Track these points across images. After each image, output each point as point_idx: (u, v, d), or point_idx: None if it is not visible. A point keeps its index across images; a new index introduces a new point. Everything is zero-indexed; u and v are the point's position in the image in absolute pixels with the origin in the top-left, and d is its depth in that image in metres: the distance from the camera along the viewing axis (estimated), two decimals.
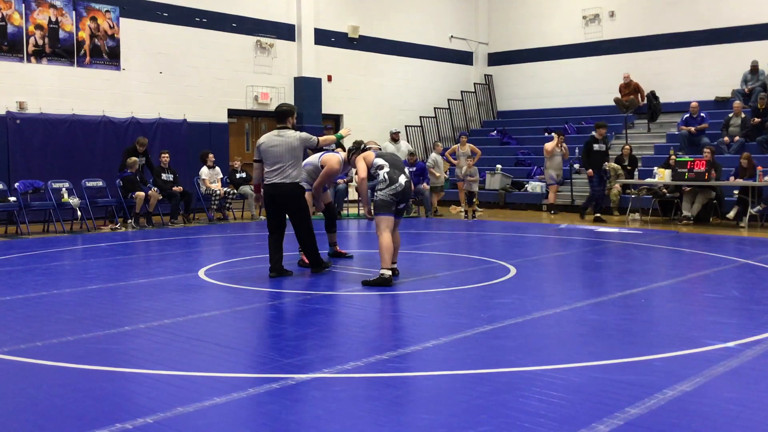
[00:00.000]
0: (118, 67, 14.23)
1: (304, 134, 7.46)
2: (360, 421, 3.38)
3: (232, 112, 16.21)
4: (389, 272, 6.77)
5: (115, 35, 14.18)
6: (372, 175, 7.20)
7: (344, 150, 8.14)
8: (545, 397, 3.65)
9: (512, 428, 3.25)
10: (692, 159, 12.77)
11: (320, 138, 7.70)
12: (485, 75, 21.68)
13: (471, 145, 15.87)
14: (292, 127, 7.51)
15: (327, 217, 8.56)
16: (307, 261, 7.78)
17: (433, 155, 15.65)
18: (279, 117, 7.57)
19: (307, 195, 7.95)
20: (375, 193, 6.99)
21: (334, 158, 8.03)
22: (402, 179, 6.98)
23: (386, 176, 6.97)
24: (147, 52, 14.60)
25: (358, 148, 7.52)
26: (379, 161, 7.13)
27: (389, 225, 6.93)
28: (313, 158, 8.26)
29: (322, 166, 8.06)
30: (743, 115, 14.87)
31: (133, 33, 14.39)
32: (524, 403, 3.58)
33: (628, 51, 18.82)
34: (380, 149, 7.75)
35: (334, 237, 8.67)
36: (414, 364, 4.30)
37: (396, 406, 3.56)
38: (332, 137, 7.80)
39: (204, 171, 13.90)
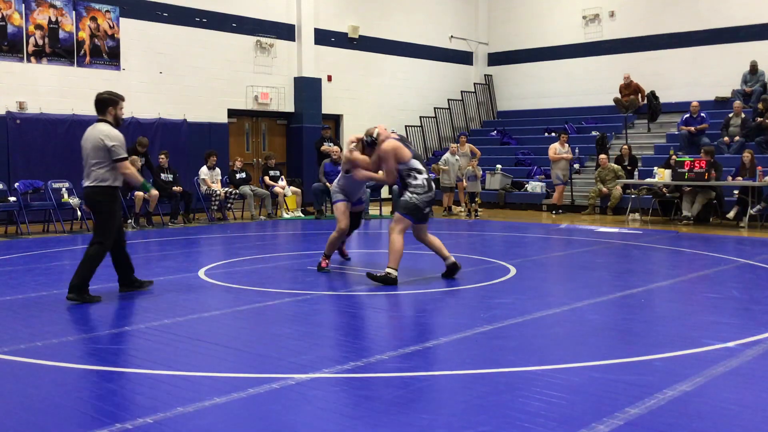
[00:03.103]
0: (118, 67, 14.23)
1: (115, 140, 6.10)
2: (360, 422, 3.38)
3: (232, 112, 16.21)
4: (395, 272, 6.75)
5: (115, 35, 14.19)
6: (402, 175, 6.91)
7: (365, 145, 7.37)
8: (545, 397, 3.65)
9: (512, 428, 3.25)
10: (692, 159, 12.77)
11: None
12: (485, 75, 21.68)
13: (470, 145, 15.87)
14: (114, 121, 6.22)
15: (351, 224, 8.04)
16: (324, 264, 7.61)
17: (446, 155, 15.59)
18: (96, 107, 6.29)
19: (341, 205, 7.73)
20: (406, 194, 6.82)
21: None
22: (432, 185, 6.98)
23: (425, 182, 6.84)
24: (147, 52, 14.61)
25: (374, 141, 7.10)
26: (417, 164, 6.87)
27: (406, 228, 6.85)
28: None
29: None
30: (743, 115, 14.88)
31: (133, 33, 14.39)
32: (524, 403, 3.58)
33: (628, 51, 18.82)
34: (400, 137, 7.14)
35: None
36: (414, 364, 4.30)
37: (396, 406, 3.56)
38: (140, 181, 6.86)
39: (204, 171, 13.90)
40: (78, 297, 5.97)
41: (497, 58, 21.60)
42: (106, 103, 6.22)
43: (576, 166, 16.36)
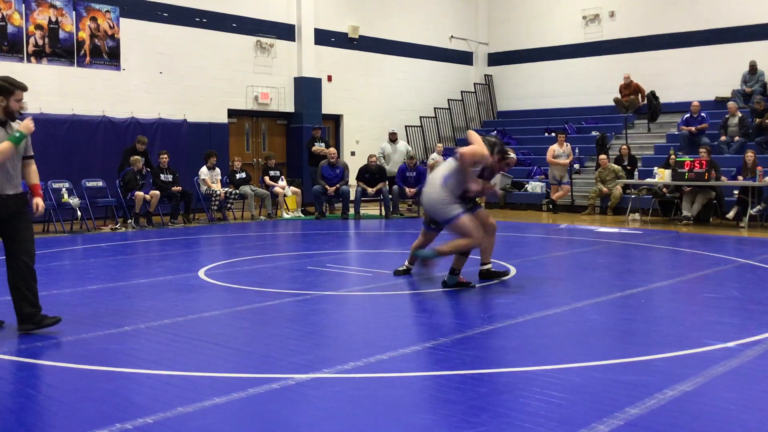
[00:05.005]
0: (118, 67, 14.23)
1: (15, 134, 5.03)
2: (360, 422, 3.38)
3: (232, 112, 16.21)
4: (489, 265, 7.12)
5: (115, 35, 14.18)
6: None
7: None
8: (545, 397, 3.65)
9: (512, 428, 3.25)
10: (692, 159, 12.77)
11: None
12: (485, 75, 21.68)
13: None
14: (3, 114, 5.06)
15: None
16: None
17: (434, 155, 15.64)
18: None
19: (467, 219, 6.42)
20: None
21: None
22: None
23: None
24: (147, 52, 14.61)
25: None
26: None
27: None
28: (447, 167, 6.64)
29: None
30: (740, 115, 14.89)
31: (133, 33, 14.39)
32: (524, 403, 3.58)
33: (628, 51, 18.82)
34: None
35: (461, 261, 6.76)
36: (414, 364, 4.30)
37: (396, 407, 3.56)
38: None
39: (204, 171, 13.90)
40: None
41: (497, 58, 21.60)
42: None
43: (576, 166, 16.36)
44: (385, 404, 3.60)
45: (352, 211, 14.45)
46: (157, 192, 12.80)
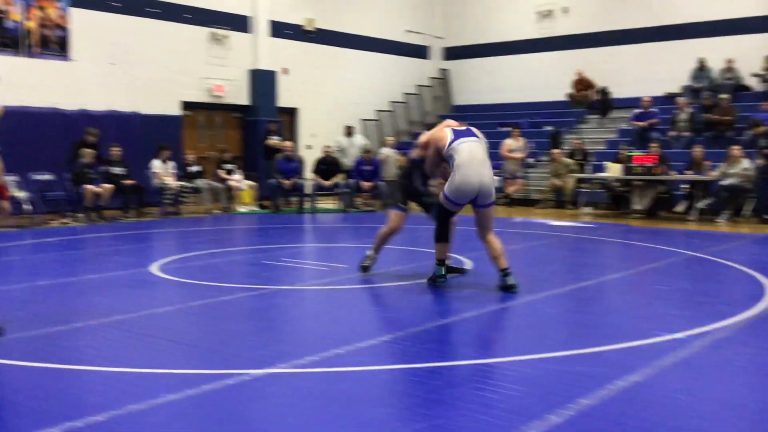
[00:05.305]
0: (67, 57, 13.90)
1: None
2: (316, 417, 3.37)
3: (186, 105, 15.97)
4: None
5: (65, 25, 13.85)
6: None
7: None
8: (500, 389, 3.69)
9: (467, 420, 3.27)
10: (642, 153, 13.03)
11: None
12: (441, 69, 21.76)
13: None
14: None
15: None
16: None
17: (385, 150, 15.66)
18: None
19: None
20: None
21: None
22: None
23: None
24: (98, 43, 14.29)
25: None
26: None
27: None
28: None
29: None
30: (689, 111, 15.24)
31: (83, 23, 14.06)
32: (479, 395, 3.61)
33: (581, 47, 19.07)
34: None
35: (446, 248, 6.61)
36: (370, 358, 4.30)
37: (352, 401, 3.56)
38: None
39: (156, 164, 13.67)
40: None
41: (453, 53, 21.70)
42: None
43: (530, 160, 16.55)
44: (342, 399, 3.59)
45: (308, 205, 14.39)
46: (109, 186, 12.55)
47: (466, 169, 6.03)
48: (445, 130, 6.28)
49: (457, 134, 6.20)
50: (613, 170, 13.32)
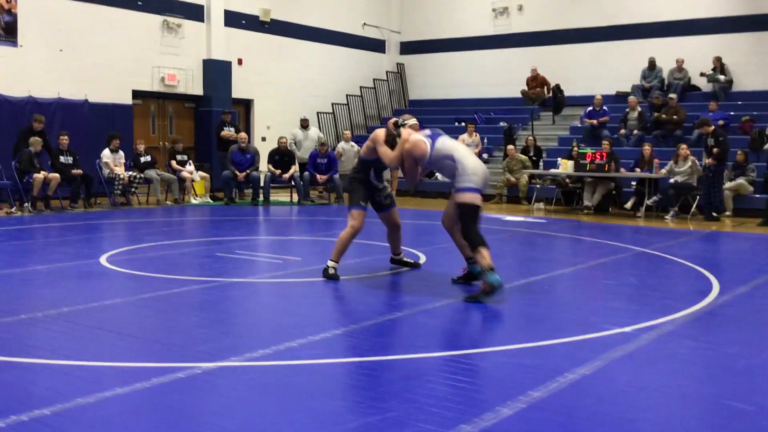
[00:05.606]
0: (15, 43, 13.51)
1: None
2: (268, 410, 3.35)
3: (137, 94, 15.67)
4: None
5: (12, 10, 13.45)
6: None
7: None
8: (452, 382, 3.72)
9: (420, 413, 3.29)
10: (593, 151, 13.25)
11: None
12: (397, 63, 21.78)
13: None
14: None
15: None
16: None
17: (342, 143, 15.62)
18: None
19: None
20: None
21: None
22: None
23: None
24: (47, 29, 13.92)
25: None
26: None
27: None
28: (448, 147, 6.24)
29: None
30: (639, 109, 15.58)
31: (31, 8, 13.68)
32: (431, 388, 3.63)
33: (535, 44, 19.29)
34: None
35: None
36: (323, 351, 4.29)
37: (305, 394, 3.55)
38: None
39: (106, 154, 13.40)
40: None
41: (409, 47, 21.74)
42: None
43: (485, 155, 16.68)
44: (295, 392, 3.58)
45: (262, 197, 14.27)
46: (57, 175, 12.25)
47: (469, 157, 6.18)
48: (419, 143, 6.13)
49: (431, 137, 6.22)
50: (565, 167, 13.53)
